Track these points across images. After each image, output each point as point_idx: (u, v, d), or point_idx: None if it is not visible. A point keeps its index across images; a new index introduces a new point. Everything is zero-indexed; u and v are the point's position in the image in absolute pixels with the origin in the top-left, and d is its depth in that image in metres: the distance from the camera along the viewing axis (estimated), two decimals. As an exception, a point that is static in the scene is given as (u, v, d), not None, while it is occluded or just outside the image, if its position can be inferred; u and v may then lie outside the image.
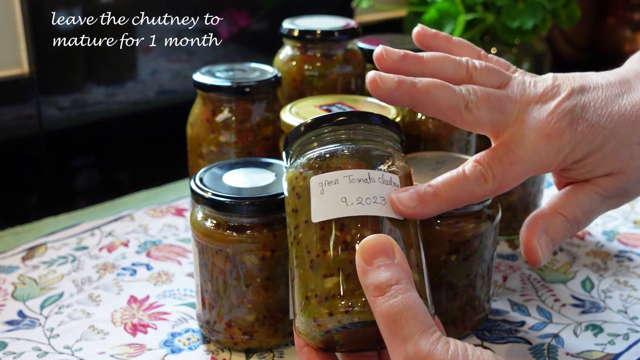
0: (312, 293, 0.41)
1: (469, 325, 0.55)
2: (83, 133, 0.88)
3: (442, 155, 0.58)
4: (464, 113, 0.45)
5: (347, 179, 0.42)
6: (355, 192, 0.41)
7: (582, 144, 0.45)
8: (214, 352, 0.54)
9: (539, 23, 0.95)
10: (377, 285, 0.38)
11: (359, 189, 0.41)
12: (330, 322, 0.40)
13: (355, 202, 0.41)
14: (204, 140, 0.64)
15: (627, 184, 0.47)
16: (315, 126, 0.44)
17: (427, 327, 0.37)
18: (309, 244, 0.42)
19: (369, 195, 0.41)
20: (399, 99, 0.44)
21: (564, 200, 0.47)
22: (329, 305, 0.40)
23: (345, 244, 0.41)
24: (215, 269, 0.51)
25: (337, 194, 0.41)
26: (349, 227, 0.41)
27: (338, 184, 0.42)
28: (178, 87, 0.95)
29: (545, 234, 0.46)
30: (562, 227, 0.47)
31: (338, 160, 0.43)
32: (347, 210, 0.41)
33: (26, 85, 0.82)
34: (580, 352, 0.54)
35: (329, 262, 0.41)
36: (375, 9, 1.08)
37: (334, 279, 0.40)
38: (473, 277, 0.54)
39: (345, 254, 0.40)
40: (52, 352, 0.54)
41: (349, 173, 0.42)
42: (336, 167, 0.42)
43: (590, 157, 0.46)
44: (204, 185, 0.52)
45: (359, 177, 0.42)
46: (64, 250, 0.68)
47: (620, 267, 0.66)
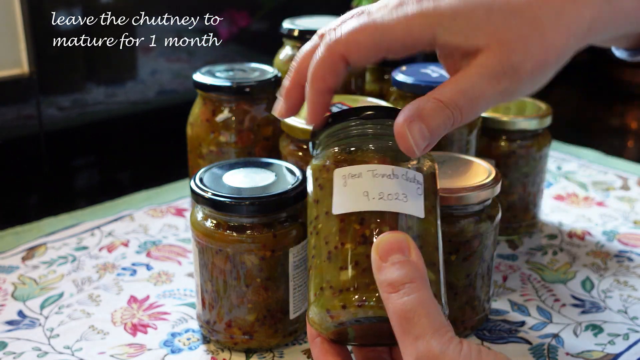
0: (327, 284, 0.41)
1: (469, 325, 0.55)
2: (83, 133, 0.88)
3: (441, 155, 0.58)
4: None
5: (370, 173, 0.42)
6: (378, 187, 0.41)
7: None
8: (214, 352, 0.54)
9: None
10: (390, 282, 0.38)
11: (382, 184, 0.41)
12: (344, 314, 0.40)
13: (377, 197, 0.41)
14: (204, 140, 0.64)
15: (509, 58, 0.41)
16: (343, 119, 0.44)
17: (439, 327, 0.37)
18: (327, 235, 0.42)
19: (392, 191, 0.41)
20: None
21: (440, 86, 0.42)
22: (343, 298, 0.40)
23: (363, 237, 0.40)
24: (215, 269, 0.51)
25: (360, 188, 0.41)
26: (368, 221, 0.41)
27: (361, 177, 0.42)
28: (178, 87, 0.95)
29: (419, 120, 0.40)
30: (439, 111, 0.40)
31: (363, 154, 0.42)
32: (368, 204, 0.41)
33: (26, 85, 0.82)
34: (580, 352, 0.54)
35: (346, 255, 0.41)
36: (375, 9, 1.08)
37: (350, 272, 0.40)
38: (473, 277, 0.54)
39: (362, 248, 0.40)
40: (52, 352, 0.54)
41: (373, 168, 0.42)
42: (361, 161, 0.42)
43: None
44: (204, 185, 0.52)
45: (383, 172, 0.42)
46: (64, 250, 0.68)
47: (620, 267, 0.66)
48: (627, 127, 1.11)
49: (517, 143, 0.68)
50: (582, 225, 0.73)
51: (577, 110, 1.18)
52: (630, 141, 1.05)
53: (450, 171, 0.55)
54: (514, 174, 0.68)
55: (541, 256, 0.67)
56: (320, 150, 0.45)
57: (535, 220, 0.72)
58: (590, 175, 0.85)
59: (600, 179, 0.84)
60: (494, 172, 0.54)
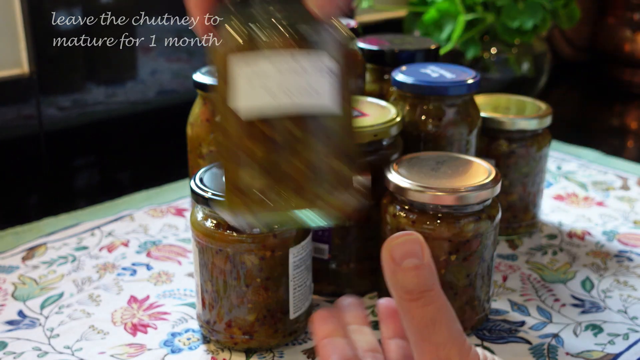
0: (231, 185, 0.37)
1: (469, 325, 0.55)
2: (83, 133, 0.88)
3: (442, 155, 0.58)
4: None
5: (275, 65, 0.35)
6: (284, 82, 0.35)
7: None
8: (214, 352, 0.54)
9: (539, 23, 0.95)
10: (408, 290, 0.37)
11: (288, 77, 0.35)
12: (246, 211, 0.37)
13: (282, 93, 0.35)
14: (204, 140, 0.64)
15: None
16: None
17: (458, 335, 0.37)
18: (232, 135, 0.37)
19: (300, 85, 0.35)
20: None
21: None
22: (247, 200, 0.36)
23: (273, 143, 0.36)
24: (215, 269, 0.52)
25: (263, 82, 0.35)
26: (277, 124, 0.36)
27: (264, 68, 0.35)
28: (178, 87, 0.95)
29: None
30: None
31: (268, 41, 0.36)
32: (272, 103, 0.35)
33: (26, 85, 0.82)
34: (580, 352, 0.54)
35: (255, 160, 0.36)
36: (375, 9, 1.08)
37: (260, 181, 0.36)
38: (473, 277, 0.54)
39: (274, 155, 0.36)
40: (52, 352, 0.54)
41: (278, 56, 0.36)
42: (264, 48, 0.36)
43: None
44: (204, 185, 0.52)
45: (288, 62, 0.36)
46: (64, 250, 0.68)
47: (620, 267, 0.66)
48: (627, 127, 1.11)
49: (517, 143, 0.68)
50: (582, 225, 0.73)
51: (577, 110, 1.18)
52: (630, 141, 1.05)
53: (450, 171, 0.55)
54: (513, 174, 0.68)
55: (541, 256, 0.67)
56: (220, 34, 0.38)
57: (535, 220, 0.72)
58: (590, 175, 0.85)
59: (600, 179, 0.84)
60: (494, 172, 0.54)
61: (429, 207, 0.52)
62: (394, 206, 0.54)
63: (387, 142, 0.58)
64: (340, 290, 0.61)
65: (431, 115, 0.62)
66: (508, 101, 0.73)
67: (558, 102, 1.13)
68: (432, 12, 0.97)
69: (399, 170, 0.54)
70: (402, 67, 0.66)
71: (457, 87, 0.61)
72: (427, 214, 0.52)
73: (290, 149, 0.36)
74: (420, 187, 0.52)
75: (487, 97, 0.74)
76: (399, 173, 0.54)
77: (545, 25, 0.96)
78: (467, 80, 0.62)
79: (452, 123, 0.62)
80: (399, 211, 0.53)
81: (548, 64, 1.06)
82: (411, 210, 0.53)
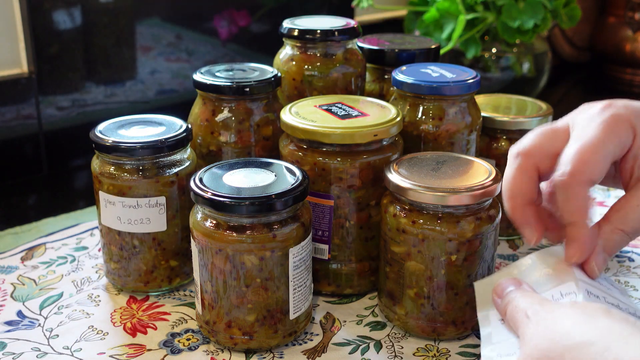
0: None
1: (469, 325, 0.55)
2: (82, 133, 0.87)
3: (442, 155, 0.58)
4: None
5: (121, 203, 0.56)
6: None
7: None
8: (213, 353, 0.54)
9: (540, 23, 0.95)
10: (523, 309, 0.44)
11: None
12: None
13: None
14: (204, 140, 0.64)
15: None
16: None
17: None
18: None
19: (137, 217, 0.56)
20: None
21: (622, 214, 0.48)
22: None
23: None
24: (215, 269, 0.51)
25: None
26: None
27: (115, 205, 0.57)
28: (178, 87, 0.95)
29: (603, 252, 0.48)
30: (621, 241, 0.48)
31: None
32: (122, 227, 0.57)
33: (25, 85, 0.82)
34: (580, 353, 0.54)
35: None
36: (375, 9, 1.08)
37: None
38: (473, 277, 0.53)
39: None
40: (52, 353, 0.53)
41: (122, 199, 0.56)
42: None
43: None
44: (204, 185, 0.52)
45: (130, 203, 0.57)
46: (64, 250, 0.68)
47: (620, 267, 0.66)
48: (627, 127, 1.11)
49: (518, 143, 0.68)
50: (583, 225, 0.73)
51: (578, 110, 1.18)
52: (630, 141, 1.05)
53: (450, 171, 0.55)
54: (514, 174, 0.68)
55: (541, 256, 0.67)
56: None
57: (535, 220, 0.71)
58: (591, 175, 0.85)
59: (600, 179, 0.84)
60: (494, 172, 0.54)
61: (429, 207, 0.52)
62: (394, 206, 0.54)
63: (387, 142, 0.58)
64: (340, 291, 0.60)
65: (431, 115, 0.62)
66: (508, 101, 0.73)
67: (559, 101, 1.13)
68: (433, 12, 0.96)
69: (399, 170, 0.54)
70: (402, 67, 0.66)
71: (458, 87, 0.61)
72: (427, 214, 0.52)
73: None
74: (420, 187, 0.52)
75: (487, 97, 0.74)
76: (399, 173, 0.54)
77: (546, 24, 0.96)
78: (468, 80, 0.62)
79: (452, 123, 0.62)
80: (399, 211, 0.53)
81: (548, 63, 1.05)
82: (411, 210, 0.53)
